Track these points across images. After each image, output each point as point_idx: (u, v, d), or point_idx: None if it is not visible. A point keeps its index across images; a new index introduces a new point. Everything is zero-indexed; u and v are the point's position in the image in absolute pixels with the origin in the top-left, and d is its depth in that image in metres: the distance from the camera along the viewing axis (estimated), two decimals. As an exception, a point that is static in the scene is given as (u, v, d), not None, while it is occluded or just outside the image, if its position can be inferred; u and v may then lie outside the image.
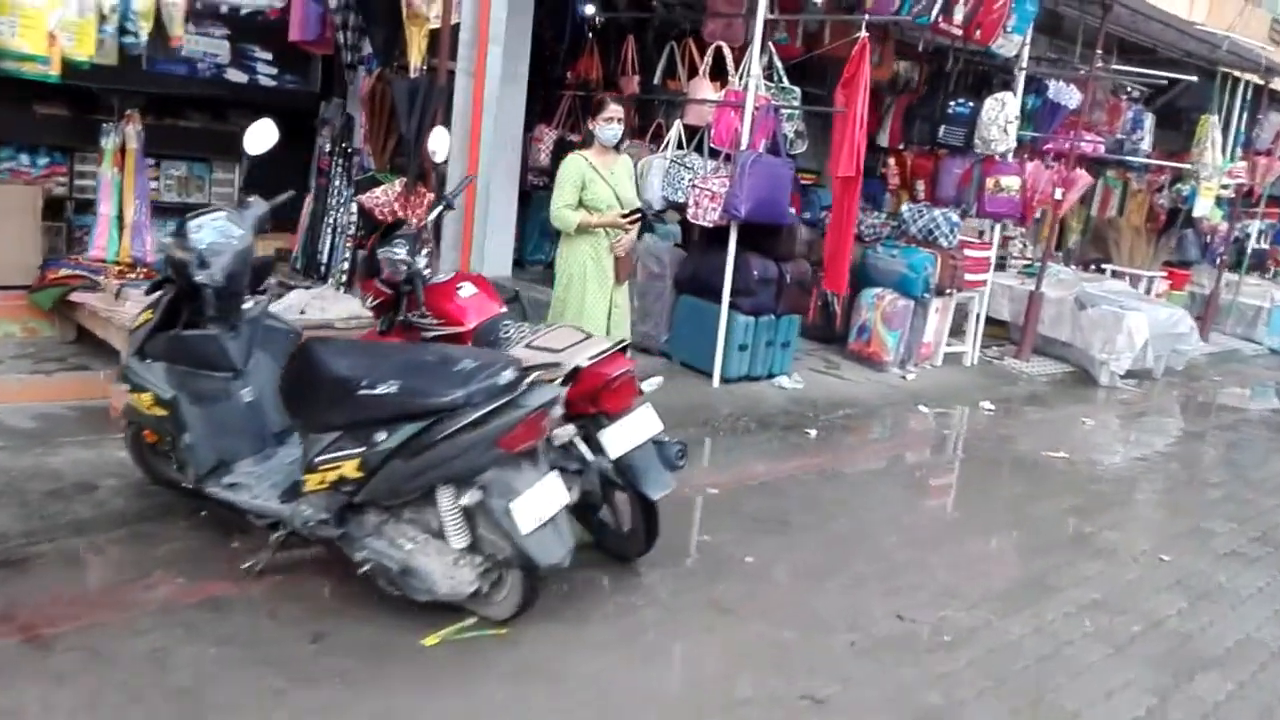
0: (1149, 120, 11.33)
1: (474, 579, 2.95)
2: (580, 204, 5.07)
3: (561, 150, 7.22)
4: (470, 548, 2.94)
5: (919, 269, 7.63)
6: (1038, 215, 12.51)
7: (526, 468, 2.92)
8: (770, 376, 6.89)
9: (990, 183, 8.22)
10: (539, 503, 2.87)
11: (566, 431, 3.31)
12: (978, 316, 8.53)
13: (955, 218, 7.94)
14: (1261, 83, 11.47)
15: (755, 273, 6.55)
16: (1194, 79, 9.04)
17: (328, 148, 5.45)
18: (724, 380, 6.61)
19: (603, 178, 5.10)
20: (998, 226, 8.63)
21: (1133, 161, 10.89)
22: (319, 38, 5.50)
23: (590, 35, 7.37)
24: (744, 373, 6.71)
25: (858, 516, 4.66)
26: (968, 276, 8.09)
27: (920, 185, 8.94)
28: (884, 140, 9.24)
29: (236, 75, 5.66)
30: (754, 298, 6.61)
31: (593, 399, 3.38)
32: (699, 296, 6.71)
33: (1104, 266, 11.42)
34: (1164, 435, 7.54)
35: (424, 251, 4.08)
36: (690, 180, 6.45)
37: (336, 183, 5.38)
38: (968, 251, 8.11)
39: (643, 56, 7.19)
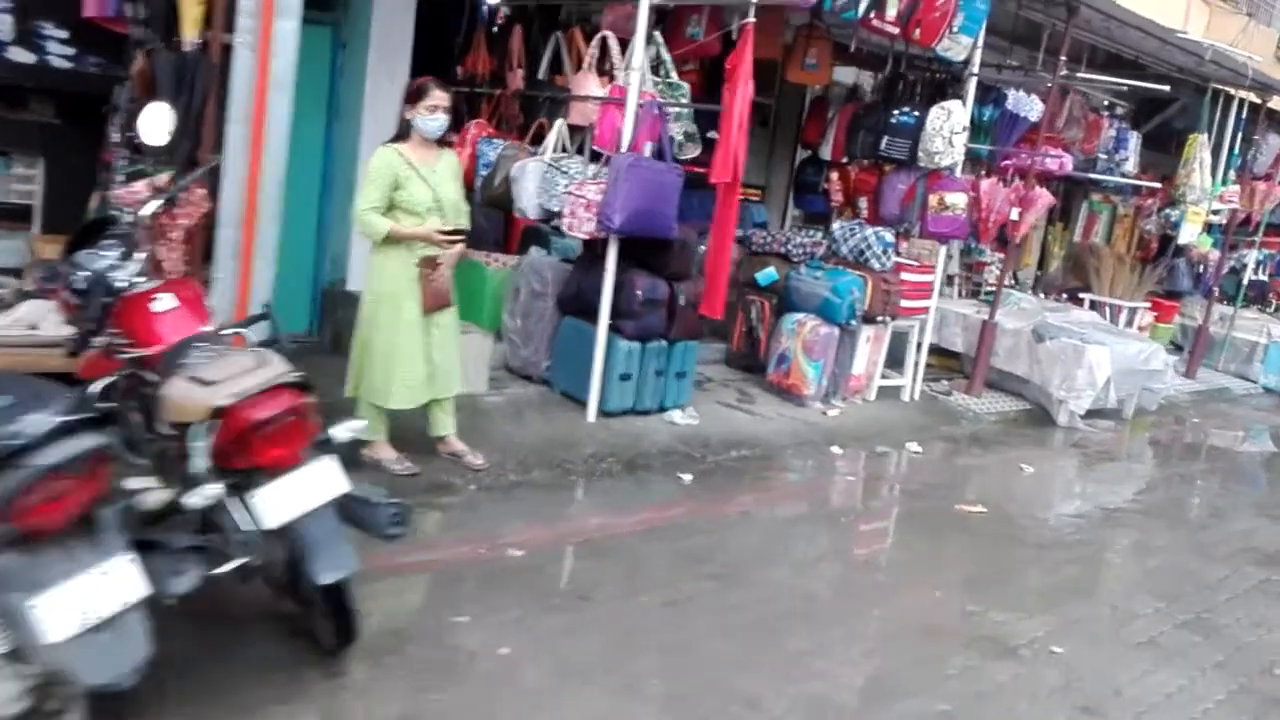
0: (1134, 139, 10.50)
1: (19, 695, 2.18)
2: (394, 206, 4.34)
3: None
4: (13, 654, 2.17)
5: (843, 293, 6.83)
6: (1016, 241, 11.79)
7: (77, 549, 2.15)
8: (663, 410, 6.11)
9: (934, 200, 7.42)
10: (82, 600, 2.10)
11: (205, 494, 2.54)
12: (919, 347, 7.70)
13: (889, 237, 7.15)
14: (1259, 101, 10.64)
15: (639, 293, 5.78)
16: (1166, 89, 8.21)
17: (116, 137, 4.75)
18: (603, 414, 5.83)
19: (421, 176, 4.36)
20: (944, 248, 7.81)
21: (1107, 181, 10.02)
22: (118, 14, 4.80)
23: (480, 27, 6.64)
24: (629, 406, 5.92)
25: (688, 587, 3.85)
26: (904, 303, 7.28)
27: (863, 202, 8.13)
28: (827, 153, 8.46)
29: (22, 55, 4.96)
30: (638, 321, 5.83)
31: (243, 449, 2.61)
32: (582, 318, 5.93)
33: (1082, 296, 10.57)
34: (1115, 486, 6.67)
35: (138, 255, 3.34)
36: (565, 186, 5.69)
37: (120, 176, 4.68)
38: (905, 275, 7.31)
39: (530, 49, 6.46)
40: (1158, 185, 10.06)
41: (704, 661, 3.28)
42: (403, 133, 4.42)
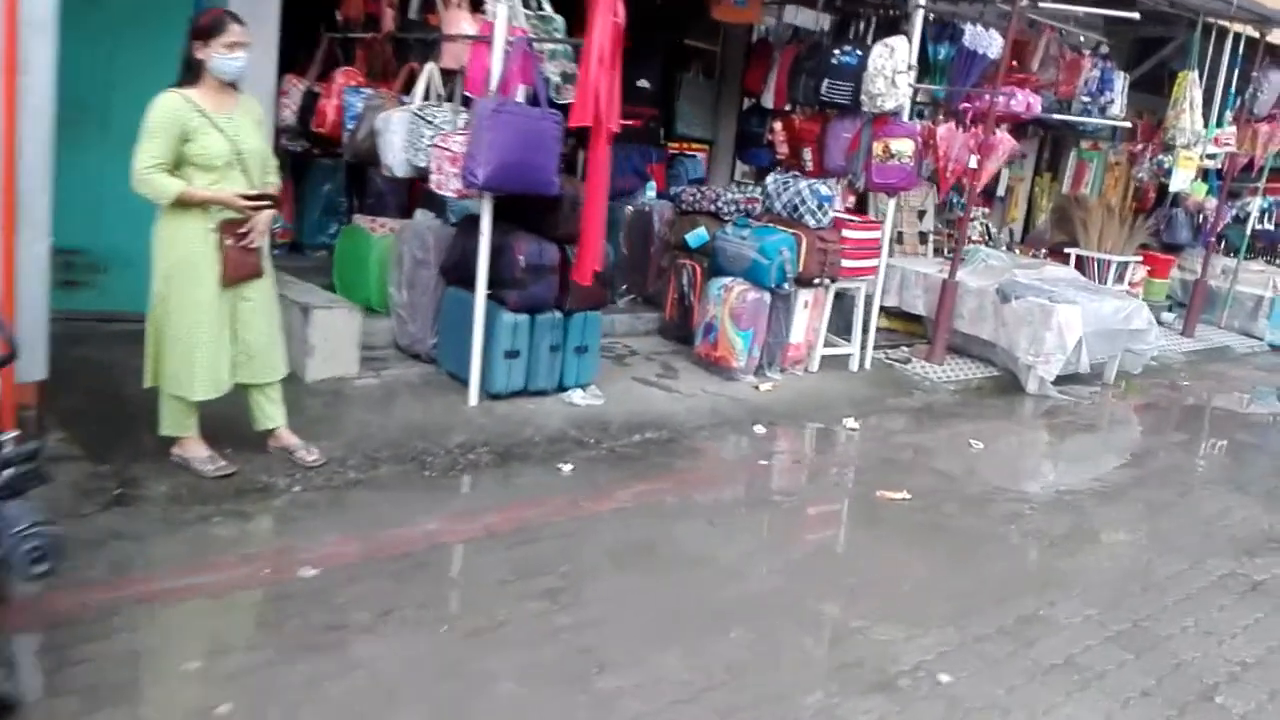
0: (1120, 80, 9.64)
1: None
2: (185, 162, 3.69)
3: (310, 108, 5.85)
4: None
5: (771, 254, 6.13)
6: (1000, 193, 11.01)
7: None
8: (562, 390, 5.47)
9: (879, 147, 6.71)
10: None
11: None
12: (868, 310, 7.00)
13: (825, 191, 6.43)
14: (1257, 35, 9.77)
15: (522, 259, 5.12)
16: (1135, 16, 7.35)
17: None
18: (490, 396, 5.20)
19: (216, 125, 3.71)
20: (893, 200, 7.07)
21: (1084, 124, 9.20)
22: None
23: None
24: (519, 386, 5.29)
25: (508, 610, 3.21)
26: (846, 263, 6.57)
27: (808, 153, 7.41)
28: (769, 101, 7.73)
29: None
30: (524, 290, 5.18)
31: None
32: (467, 288, 5.28)
33: (1068, 251, 9.80)
34: (1076, 463, 5.97)
35: None
36: (432, 138, 5.03)
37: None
38: (847, 232, 6.59)
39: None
40: (1126, 124, 9.22)
41: (484, 714, 2.65)
42: (192, 76, 3.76)
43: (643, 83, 7.58)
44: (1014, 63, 8.97)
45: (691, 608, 3.38)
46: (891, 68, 6.50)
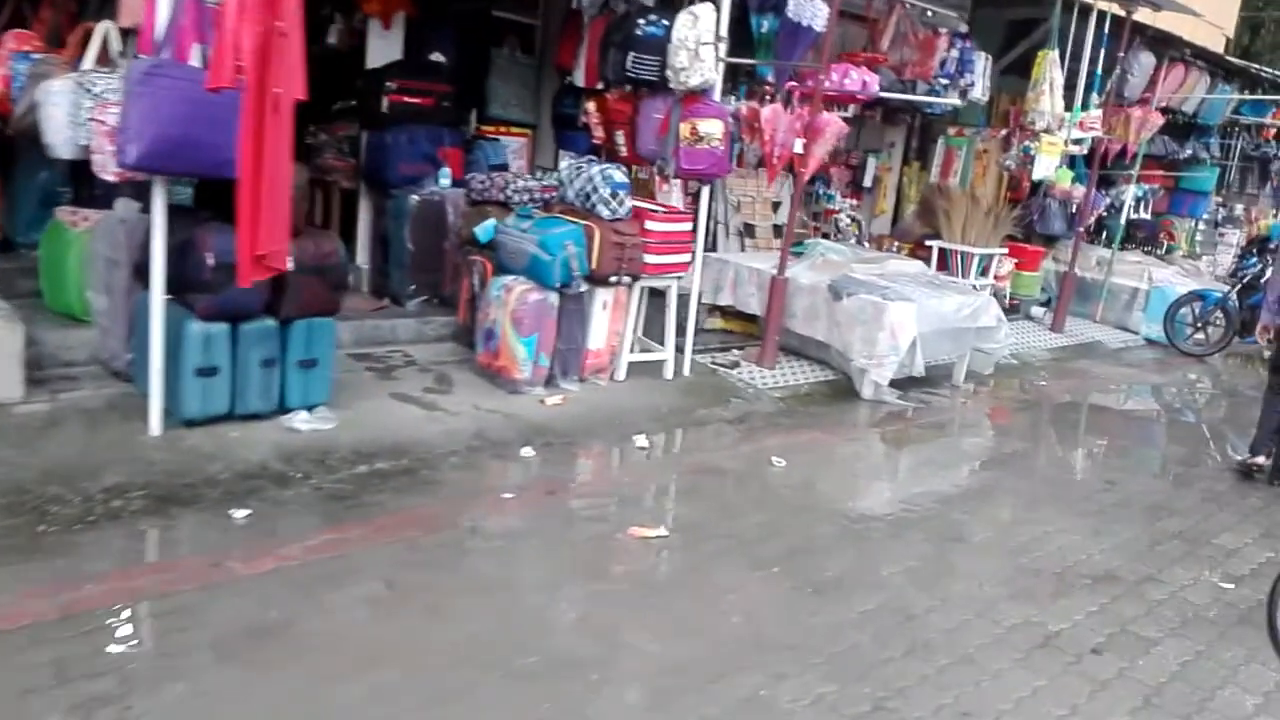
0: (982, 62, 9.10)
1: None
2: None
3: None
4: None
5: (554, 248, 5.36)
6: (868, 185, 10.40)
7: None
8: (286, 411, 4.61)
9: (686, 129, 5.95)
10: None
11: None
12: (684, 310, 6.25)
13: (619, 177, 5.67)
14: (1122, 13, 9.32)
15: (210, 256, 4.24)
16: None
17: None
18: (183, 422, 4.32)
19: None
20: (707, 188, 6.33)
21: (931, 105, 8.62)
22: None
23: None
24: (222, 410, 4.42)
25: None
26: (651, 259, 5.82)
27: (621, 136, 6.64)
28: (580, 78, 6.95)
29: None
30: (218, 294, 4.30)
31: None
32: (165, 293, 4.38)
33: (930, 244, 9.21)
34: (889, 483, 5.30)
35: None
36: (91, 111, 4.13)
37: None
38: (650, 224, 5.84)
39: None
40: (956, 102, 8.65)
41: None
42: None
43: (436, 56, 6.74)
44: (874, 37, 8.37)
45: (292, 717, 2.56)
46: (695, 39, 5.76)
